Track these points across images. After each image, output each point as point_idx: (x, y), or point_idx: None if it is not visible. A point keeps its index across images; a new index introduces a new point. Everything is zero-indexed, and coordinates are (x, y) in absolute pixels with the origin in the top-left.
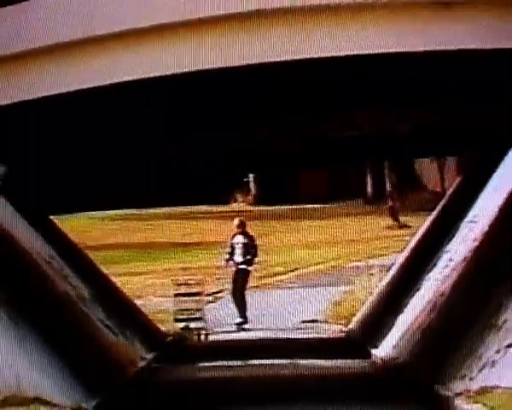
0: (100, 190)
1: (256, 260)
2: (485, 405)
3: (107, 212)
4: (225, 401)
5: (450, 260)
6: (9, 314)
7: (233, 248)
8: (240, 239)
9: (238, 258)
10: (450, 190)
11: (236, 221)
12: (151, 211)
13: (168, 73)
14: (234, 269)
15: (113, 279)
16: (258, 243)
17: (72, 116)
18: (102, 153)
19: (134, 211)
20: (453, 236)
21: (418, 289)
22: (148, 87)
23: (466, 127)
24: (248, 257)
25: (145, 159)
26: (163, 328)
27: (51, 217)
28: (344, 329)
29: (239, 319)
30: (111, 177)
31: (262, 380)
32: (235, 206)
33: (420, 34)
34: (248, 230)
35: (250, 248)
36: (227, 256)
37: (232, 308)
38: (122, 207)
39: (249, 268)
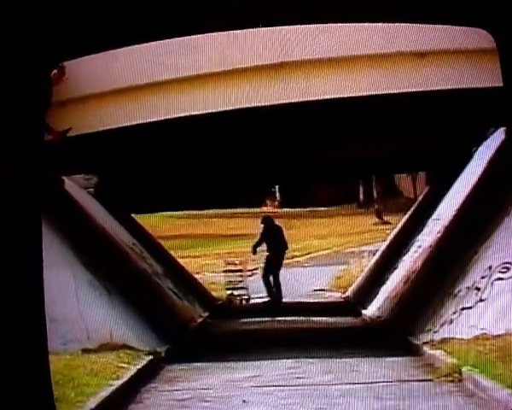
0: (169, 197)
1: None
2: (444, 350)
3: (175, 212)
4: (260, 344)
5: (420, 247)
6: (104, 284)
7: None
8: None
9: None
10: (421, 196)
11: (261, 219)
12: (206, 212)
13: (215, 111)
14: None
15: (179, 260)
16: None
17: (148, 142)
18: (170, 171)
19: (194, 212)
20: (422, 229)
21: (396, 268)
22: (202, 121)
23: (433, 152)
24: (275, 245)
25: (202, 176)
26: (215, 295)
27: (133, 215)
28: (343, 295)
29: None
30: (177, 187)
31: (285, 330)
32: (265, 209)
33: (402, 78)
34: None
35: (277, 238)
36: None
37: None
38: (185, 208)
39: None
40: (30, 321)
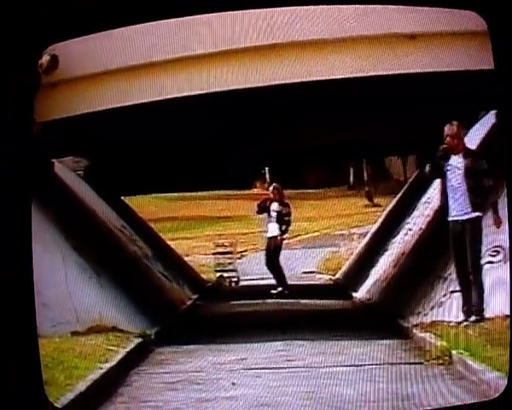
0: (159, 179)
1: (289, 227)
2: (434, 333)
3: (164, 194)
4: (250, 327)
5: (410, 229)
6: (94, 267)
7: (269, 214)
8: (275, 207)
9: (271, 227)
10: (411, 179)
11: (271, 187)
12: (196, 194)
13: (206, 92)
14: (267, 239)
15: (169, 242)
16: None
17: (138, 123)
18: (161, 153)
19: (184, 194)
20: (412, 212)
21: (386, 250)
22: (191, 103)
23: (423, 134)
24: (282, 227)
25: (192, 158)
26: (204, 277)
27: (122, 197)
28: (332, 278)
29: (279, 288)
30: (168, 169)
31: (274, 313)
32: (255, 190)
33: (391, 60)
34: (285, 198)
35: (284, 217)
36: (257, 209)
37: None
38: (175, 190)
39: (282, 236)
40: (19, 305)
